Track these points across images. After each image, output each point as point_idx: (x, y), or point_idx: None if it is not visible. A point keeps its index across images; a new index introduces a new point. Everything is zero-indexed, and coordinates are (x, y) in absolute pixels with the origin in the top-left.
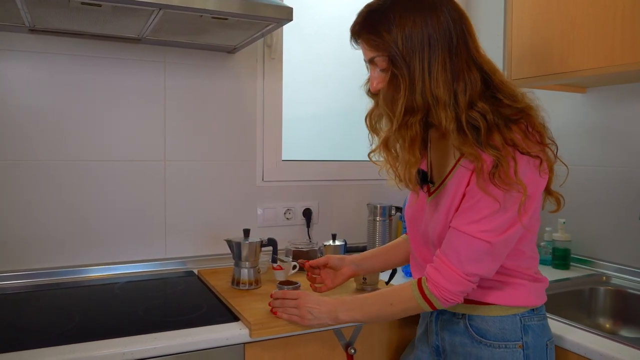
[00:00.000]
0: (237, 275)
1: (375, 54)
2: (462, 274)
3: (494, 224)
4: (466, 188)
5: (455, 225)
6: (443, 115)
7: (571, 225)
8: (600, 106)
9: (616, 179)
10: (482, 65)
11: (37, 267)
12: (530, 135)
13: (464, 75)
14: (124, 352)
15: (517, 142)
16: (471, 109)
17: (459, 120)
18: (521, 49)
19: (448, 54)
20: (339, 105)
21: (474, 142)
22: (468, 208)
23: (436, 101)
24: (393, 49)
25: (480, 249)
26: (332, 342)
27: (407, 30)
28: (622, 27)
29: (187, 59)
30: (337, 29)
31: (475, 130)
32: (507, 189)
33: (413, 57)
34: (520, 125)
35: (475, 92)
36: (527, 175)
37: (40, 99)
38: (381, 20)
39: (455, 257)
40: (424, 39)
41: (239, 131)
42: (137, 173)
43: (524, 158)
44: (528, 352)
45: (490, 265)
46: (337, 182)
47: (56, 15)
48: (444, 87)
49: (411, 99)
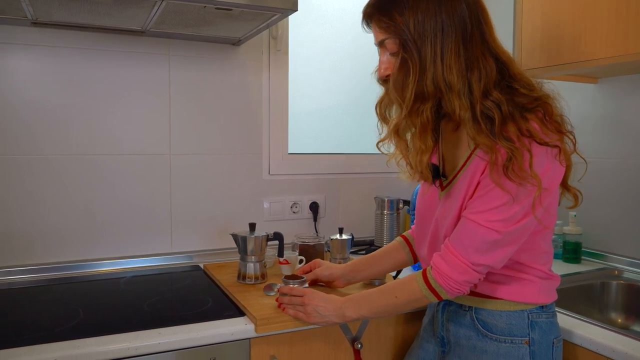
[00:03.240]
0: (243, 269)
1: (386, 36)
2: (469, 263)
3: (504, 215)
4: (480, 176)
5: (465, 214)
6: (457, 104)
7: (582, 218)
8: (611, 97)
9: (628, 171)
10: (499, 55)
11: (43, 262)
12: (548, 123)
13: (479, 64)
14: (129, 347)
15: (534, 132)
16: (486, 98)
17: (474, 109)
18: (531, 38)
19: (462, 42)
20: (346, 98)
21: (488, 132)
22: (480, 197)
23: (449, 88)
24: (404, 32)
25: (488, 239)
26: (338, 337)
27: (420, 14)
28: (635, 14)
29: (192, 52)
30: (344, 20)
31: (489, 120)
32: (521, 183)
33: (425, 42)
34: (538, 113)
35: (490, 81)
36: (544, 166)
37: (43, 92)
38: (394, 3)
39: (462, 246)
40: (437, 25)
41: (244, 124)
42: (142, 167)
43: (542, 148)
44: (534, 348)
45: (498, 256)
46: (344, 175)
47: (58, 8)
48: (458, 74)
49: (422, 85)
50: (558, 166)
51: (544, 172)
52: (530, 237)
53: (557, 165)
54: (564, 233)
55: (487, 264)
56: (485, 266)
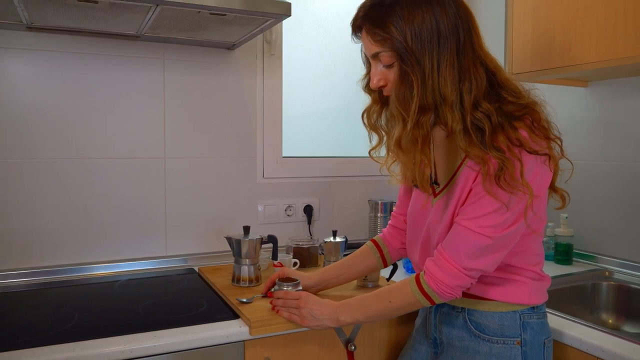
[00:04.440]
0: (237, 272)
1: (381, 49)
2: (461, 268)
3: (496, 221)
4: (472, 183)
5: (457, 220)
6: (449, 116)
7: (574, 220)
8: (602, 100)
9: (619, 173)
10: (487, 63)
11: (39, 264)
12: (536, 130)
13: (470, 75)
14: (124, 350)
15: (523, 141)
16: (476, 109)
17: (465, 121)
18: (522, 42)
19: (456, 52)
20: (340, 102)
21: (479, 143)
22: (472, 204)
23: (443, 100)
24: (402, 44)
25: (480, 244)
26: (332, 339)
27: (417, 26)
28: (624, 19)
29: (186, 56)
30: (337, 25)
31: (479, 131)
32: (513, 191)
33: (424, 53)
34: (526, 120)
35: (480, 92)
36: (534, 171)
37: (39, 96)
38: (388, 14)
39: (455, 251)
40: (433, 35)
41: (239, 128)
42: (137, 170)
43: (531, 157)
44: (526, 349)
45: (490, 260)
46: (338, 179)
47: (53, 13)
48: (452, 86)
49: (424, 98)
50: (547, 171)
51: (534, 177)
52: (520, 240)
53: (546, 171)
54: (556, 235)
55: (479, 269)
56: (477, 270)
